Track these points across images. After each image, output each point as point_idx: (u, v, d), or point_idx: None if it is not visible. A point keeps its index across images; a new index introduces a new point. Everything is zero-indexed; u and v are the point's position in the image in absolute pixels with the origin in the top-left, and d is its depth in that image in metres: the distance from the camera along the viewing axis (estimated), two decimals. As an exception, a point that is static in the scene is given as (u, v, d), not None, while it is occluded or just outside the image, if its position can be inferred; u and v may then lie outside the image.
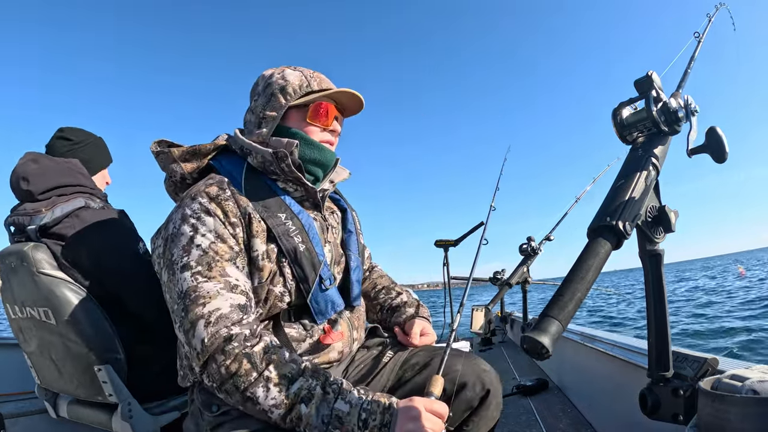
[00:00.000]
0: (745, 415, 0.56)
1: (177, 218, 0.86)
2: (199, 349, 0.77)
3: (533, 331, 0.55)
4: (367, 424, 0.76)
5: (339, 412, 0.76)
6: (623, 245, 0.65)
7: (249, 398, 0.75)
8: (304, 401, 0.75)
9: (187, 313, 0.78)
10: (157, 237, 0.90)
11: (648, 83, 0.74)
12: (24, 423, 1.81)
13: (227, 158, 0.98)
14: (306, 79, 0.98)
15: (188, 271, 0.81)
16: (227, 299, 0.80)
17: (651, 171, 0.72)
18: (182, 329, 0.79)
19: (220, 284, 0.81)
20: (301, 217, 0.94)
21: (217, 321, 0.77)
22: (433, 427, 0.77)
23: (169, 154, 0.97)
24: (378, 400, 0.79)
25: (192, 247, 0.82)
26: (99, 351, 1.23)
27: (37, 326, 1.31)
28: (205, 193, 0.87)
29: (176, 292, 0.81)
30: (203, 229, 0.84)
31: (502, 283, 3.55)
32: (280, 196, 0.95)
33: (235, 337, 0.77)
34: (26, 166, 1.31)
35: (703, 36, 0.98)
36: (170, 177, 1.00)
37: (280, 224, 0.91)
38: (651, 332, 0.77)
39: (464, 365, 0.97)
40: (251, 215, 0.89)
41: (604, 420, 1.73)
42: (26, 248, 1.23)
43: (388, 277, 1.29)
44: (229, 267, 0.83)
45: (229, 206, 0.87)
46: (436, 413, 0.79)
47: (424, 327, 1.12)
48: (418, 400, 0.79)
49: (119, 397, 1.24)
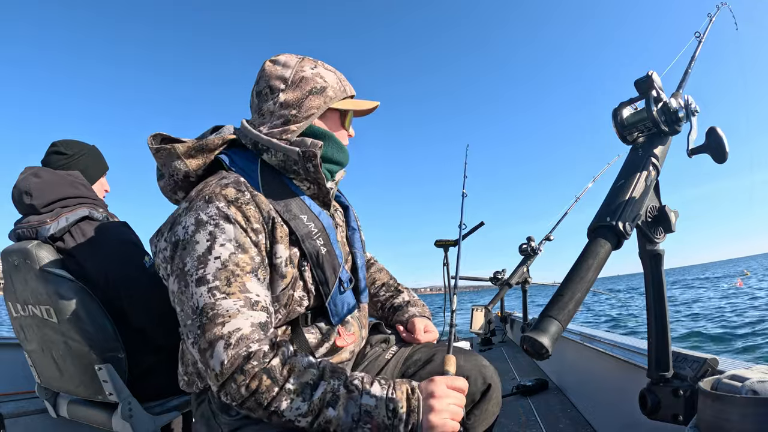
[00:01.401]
0: (745, 416, 0.56)
1: (189, 223, 0.79)
2: (218, 371, 0.73)
3: (533, 331, 0.55)
4: (396, 413, 0.75)
5: (367, 407, 0.75)
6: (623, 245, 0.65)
7: (274, 412, 0.73)
8: (330, 404, 0.74)
9: (204, 332, 0.74)
10: (158, 239, 0.84)
11: (648, 83, 0.74)
12: (24, 423, 1.80)
13: (238, 154, 0.92)
14: (341, 83, 0.97)
15: (205, 285, 0.75)
16: (248, 318, 0.75)
17: (651, 171, 0.72)
18: (197, 347, 0.75)
19: (240, 301, 0.75)
20: (321, 218, 0.90)
21: (238, 342, 0.73)
22: (457, 402, 0.78)
23: (172, 150, 0.89)
24: (400, 387, 0.79)
25: (209, 258, 0.76)
26: (100, 350, 1.23)
27: (38, 324, 1.31)
28: (222, 196, 0.80)
29: (190, 307, 0.76)
30: (222, 237, 0.77)
31: (502, 283, 3.56)
32: (299, 195, 0.90)
33: (253, 355, 0.73)
34: (28, 180, 1.31)
35: (704, 36, 0.98)
36: (171, 175, 0.92)
37: (303, 226, 0.87)
38: (651, 332, 0.77)
39: (466, 360, 0.99)
40: (274, 219, 0.84)
41: (604, 420, 1.73)
42: (30, 246, 1.24)
43: (387, 272, 1.29)
44: (250, 281, 0.78)
45: (250, 211, 0.81)
46: (457, 388, 0.80)
47: (426, 324, 1.13)
48: (439, 379, 0.80)
49: (119, 397, 1.24)
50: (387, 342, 1.09)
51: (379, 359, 1.05)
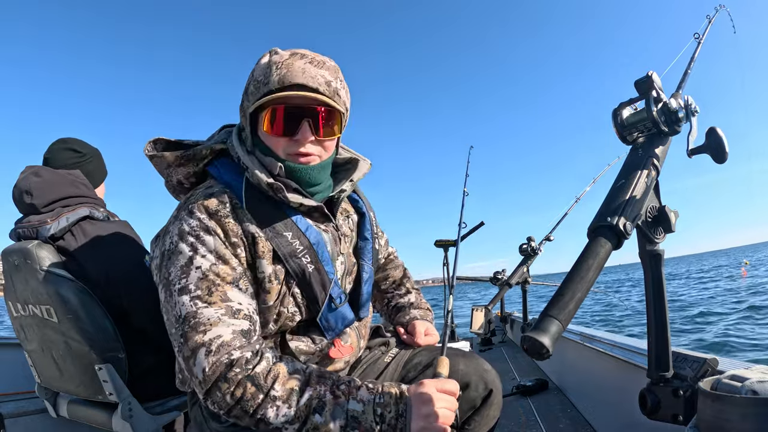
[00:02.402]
0: (745, 416, 0.56)
1: (174, 233, 0.80)
2: (201, 378, 0.74)
3: (533, 331, 0.55)
4: (384, 418, 0.75)
5: (354, 412, 0.75)
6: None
7: (260, 420, 0.73)
8: (317, 411, 0.74)
9: (186, 340, 0.75)
10: (155, 245, 0.85)
11: (648, 84, 0.75)
12: (24, 423, 1.80)
13: (225, 166, 0.89)
14: (268, 72, 0.81)
15: (187, 294, 0.76)
16: (229, 326, 0.76)
17: (651, 171, 0.72)
18: (181, 355, 0.76)
19: (221, 310, 0.76)
20: (308, 234, 0.87)
21: (219, 349, 0.74)
22: (448, 406, 0.77)
23: (163, 159, 0.90)
24: (389, 391, 0.78)
25: (191, 268, 0.77)
26: (100, 350, 1.23)
27: (38, 324, 1.31)
28: (203, 207, 0.80)
29: (174, 316, 0.77)
30: (203, 249, 0.78)
31: (502, 283, 3.56)
32: (284, 211, 0.87)
33: (236, 362, 0.74)
34: (28, 179, 1.31)
35: (703, 37, 0.98)
36: (168, 181, 0.95)
37: (286, 245, 0.84)
38: (651, 332, 0.77)
39: (466, 365, 0.97)
40: (255, 235, 0.82)
41: (604, 420, 1.73)
42: (30, 246, 1.24)
43: (402, 268, 1.26)
44: (231, 290, 0.78)
45: (229, 225, 0.81)
46: (448, 392, 0.78)
47: (427, 328, 1.12)
48: (429, 382, 0.78)
49: (119, 397, 1.24)
50: (386, 345, 1.09)
51: (378, 362, 1.05)
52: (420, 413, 0.75)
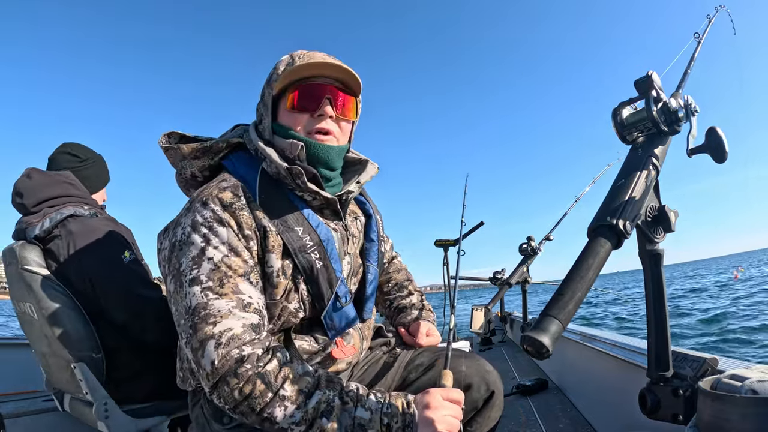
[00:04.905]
0: (745, 415, 0.56)
1: (186, 223, 0.80)
2: (209, 370, 0.73)
3: (533, 331, 0.55)
4: (391, 428, 0.75)
5: (361, 420, 0.74)
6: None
7: (267, 419, 0.73)
8: (324, 415, 0.73)
9: (195, 331, 0.74)
10: (164, 237, 0.85)
11: (648, 83, 0.75)
12: (24, 423, 1.80)
13: (241, 160, 0.91)
14: (291, 61, 0.86)
15: (198, 285, 0.76)
16: (239, 319, 0.75)
17: (651, 171, 0.72)
18: (190, 346, 0.76)
19: (232, 302, 0.76)
20: (319, 231, 0.88)
21: (229, 342, 0.73)
22: (454, 414, 0.77)
23: (179, 151, 0.91)
24: (396, 400, 0.78)
25: (203, 259, 0.77)
26: (74, 348, 1.23)
27: (27, 321, 1.35)
28: (218, 199, 0.81)
29: (184, 307, 0.76)
30: (215, 240, 0.78)
31: (502, 282, 3.56)
32: (297, 206, 0.88)
33: (247, 358, 0.73)
34: (21, 181, 1.35)
35: (703, 37, 0.98)
36: (180, 173, 0.95)
37: (297, 239, 0.85)
38: (651, 332, 0.77)
39: (468, 366, 0.97)
40: (267, 228, 0.83)
41: (604, 420, 1.73)
42: (16, 246, 1.28)
43: (405, 272, 1.27)
44: (243, 283, 0.78)
45: (243, 217, 0.81)
46: (454, 400, 0.79)
47: (429, 328, 1.12)
48: (434, 391, 0.79)
49: (94, 396, 1.22)
50: (388, 345, 1.09)
51: (379, 362, 1.05)
52: (427, 421, 0.75)
